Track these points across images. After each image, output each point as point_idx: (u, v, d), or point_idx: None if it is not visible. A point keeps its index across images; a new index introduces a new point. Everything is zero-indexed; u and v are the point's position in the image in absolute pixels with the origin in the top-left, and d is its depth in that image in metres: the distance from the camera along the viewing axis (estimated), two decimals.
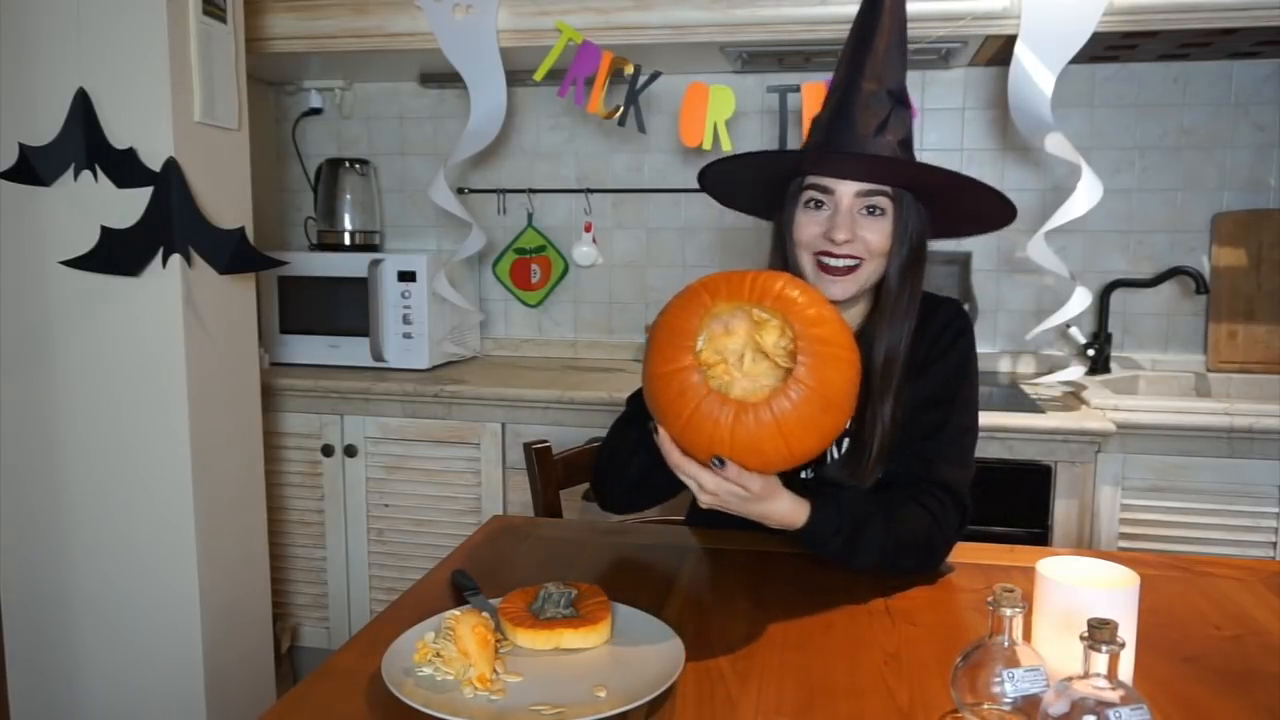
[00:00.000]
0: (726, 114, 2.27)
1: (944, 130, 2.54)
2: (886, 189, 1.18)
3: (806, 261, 1.22)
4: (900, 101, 1.17)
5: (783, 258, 1.25)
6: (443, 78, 2.63)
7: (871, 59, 1.16)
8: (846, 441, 1.27)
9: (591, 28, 2.21)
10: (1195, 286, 2.35)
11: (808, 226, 1.21)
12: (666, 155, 2.67)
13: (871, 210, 1.19)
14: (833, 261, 1.19)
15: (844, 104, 1.17)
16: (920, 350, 1.26)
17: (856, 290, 1.22)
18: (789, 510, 1.10)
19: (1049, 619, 0.91)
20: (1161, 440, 1.98)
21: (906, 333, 1.23)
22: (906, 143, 1.19)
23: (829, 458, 1.28)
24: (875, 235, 1.18)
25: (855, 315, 1.29)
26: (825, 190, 1.19)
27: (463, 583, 1.15)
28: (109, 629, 1.95)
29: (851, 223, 1.18)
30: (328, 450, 2.38)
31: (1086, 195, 2.08)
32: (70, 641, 1.97)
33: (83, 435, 1.90)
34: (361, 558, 2.41)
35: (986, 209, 1.23)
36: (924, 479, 1.22)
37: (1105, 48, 2.24)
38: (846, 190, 1.18)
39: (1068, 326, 2.39)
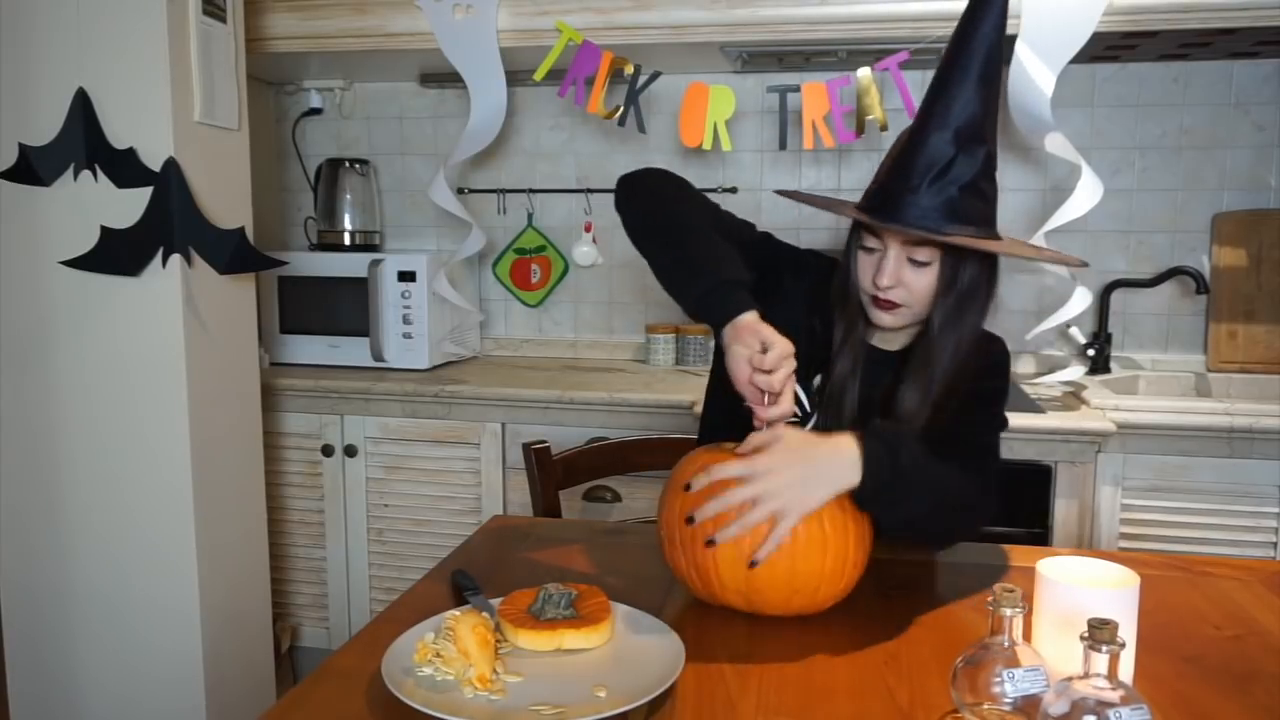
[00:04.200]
0: (726, 114, 2.27)
1: None
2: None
3: (863, 295, 1.28)
4: (972, 139, 1.16)
5: (845, 285, 1.30)
6: (443, 78, 2.63)
7: (944, 101, 1.16)
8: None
9: (591, 28, 2.21)
10: (1195, 286, 2.35)
11: (862, 270, 1.27)
12: (666, 155, 2.67)
13: (916, 261, 1.22)
14: (881, 296, 1.24)
15: (904, 152, 1.19)
16: (964, 388, 1.27)
17: (904, 324, 1.27)
18: (839, 447, 1.06)
19: (1049, 619, 0.91)
20: (1161, 440, 1.98)
21: (939, 376, 1.24)
22: (973, 185, 1.17)
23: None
24: (919, 284, 1.23)
25: (906, 335, 1.32)
26: (875, 235, 1.24)
27: (463, 583, 1.15)
28: (109, 629, 1.95)
29: (897, 269, 1.22)
30: (328, 450, 2.38)
31: (1086, 195, 2.08)
32: (70, 641, 1.97)
33: (82, 435, 1.90)
34: (361, 558, 2.41)
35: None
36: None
37: (1105, 48, 2.24)
38: (894, 239, 1.22)
39: (1068, 326, 2.39)
